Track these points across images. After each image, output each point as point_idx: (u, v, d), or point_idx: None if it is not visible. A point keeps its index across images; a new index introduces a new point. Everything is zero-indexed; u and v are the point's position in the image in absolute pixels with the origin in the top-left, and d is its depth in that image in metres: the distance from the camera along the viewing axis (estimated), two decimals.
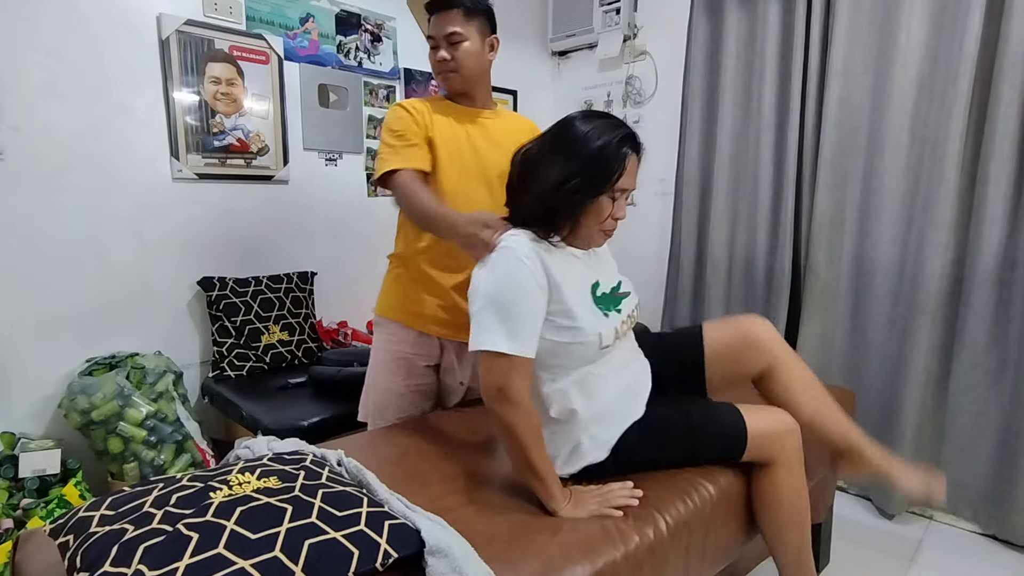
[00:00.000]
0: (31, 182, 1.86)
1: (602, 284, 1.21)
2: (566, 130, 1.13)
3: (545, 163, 1.13)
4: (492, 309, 1.07)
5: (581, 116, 1.14)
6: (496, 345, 1.04)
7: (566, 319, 1.11)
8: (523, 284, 1.07)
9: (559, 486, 1.10)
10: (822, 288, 2.30)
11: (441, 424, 1.50)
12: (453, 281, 1.50)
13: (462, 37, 1.44)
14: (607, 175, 1.09)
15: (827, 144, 2.22)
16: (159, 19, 2.05)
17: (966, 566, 1.85)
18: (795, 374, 1.32)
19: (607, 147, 1.09)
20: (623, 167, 1.10)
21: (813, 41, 2.27)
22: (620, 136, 1.10)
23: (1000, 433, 1.93)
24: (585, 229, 1.15)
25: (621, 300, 1.23)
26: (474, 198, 1.46)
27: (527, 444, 1.06)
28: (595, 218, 1.13)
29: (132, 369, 1.92)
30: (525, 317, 1.07)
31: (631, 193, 1.18)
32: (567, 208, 1.12)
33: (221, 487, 0.92)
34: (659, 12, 2.87)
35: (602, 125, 1.12)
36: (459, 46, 1.45)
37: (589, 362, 1.16)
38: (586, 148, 1.09)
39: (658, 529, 1.07)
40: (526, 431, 1.06)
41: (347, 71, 2.56)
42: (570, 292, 1.11)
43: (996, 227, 1.88)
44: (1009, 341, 1.90)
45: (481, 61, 1.50)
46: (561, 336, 1.11)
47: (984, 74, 1.88)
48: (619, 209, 1.14)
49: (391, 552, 0.85)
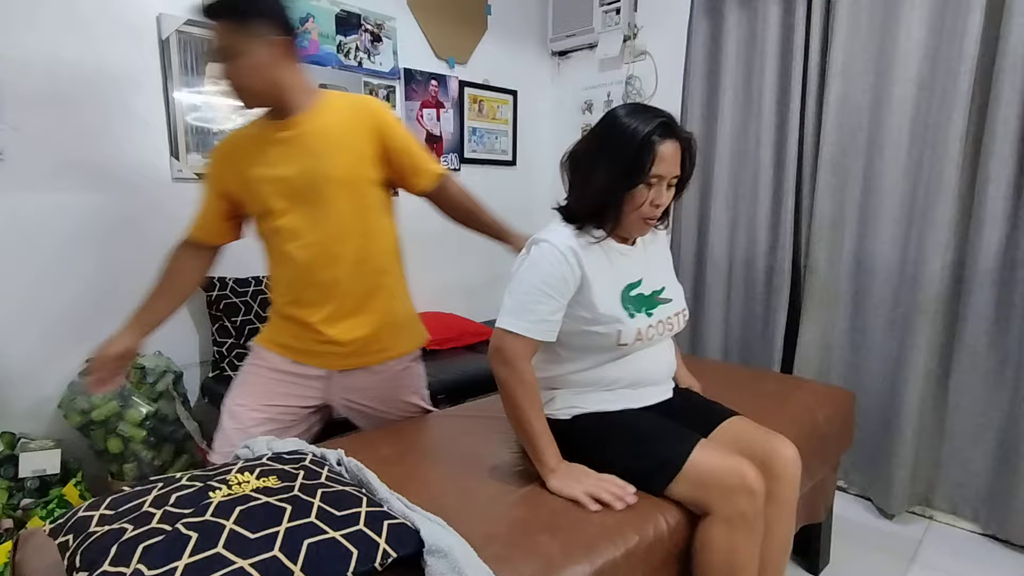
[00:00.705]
0: (31, 182, 1.86)
1: (642, 284, 1.24)
2: (604, 125, 1.17)
3: (586, 161, 1.19)
4: (514, 292, 1.18)
5: (620, 109, 1.18)
6: (504, 324, 1.17)
7: (587, 311, 1.18)
8: (547, 275, 1.15)
9: (553, 452, 1.16)
10: (822, 288, 2.30)
11: (441, 424, 1.50)
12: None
13: (236, 51, 1.24)
14: (639, 165, 1.12)
15: (827, 144, 2.22)
16: (159, 19, 2.05)
17: (966, 566, 1.85)
18: (779, 524, 1.21)
19: (636, 136, 1.11)
20: (654, 154, 1.12)
21: (813, 41, 2.27)
22: (651, 124, 1.12)
23: (1000, 433, 1.93)
24: (626, 218, 1.18)
25: (657, 304, 1.25)
26: (307, 227, 1.36)
27: (519, 401, 1.16)
28: (632, 206, 1.16)
29: (132, 369, 1.92)
30: (540, 303, 1.15)
31: (675, 178, 1.18)
32: (610, 202, 1.16)
33: (220, 487, 0.92)
34: (659, 12, 2.87)
35: (636, 115, 1.14)
36: (234, 61, 1.25)
37: (607, 355, 1.22)
38: (617, 140, 1.13)
39: (658, 529, 1.07)
40: (518, 387, 1.16)
41: (347, 71, 2.56)
42: (599, 288, 1.18)
43: (996, 227, 1.88)
44: (1009, 341, 1.90)
45: (266, 75, 1.27)
46: (580, 324, 1.19)
47: (984, 74, 1.88)
48: (657, 196, 1.16)
49: (390, 552, 0.85)
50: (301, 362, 1.43)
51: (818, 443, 1.55)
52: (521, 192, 3.36)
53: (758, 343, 2.51)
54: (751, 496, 1.07)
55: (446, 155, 2.96)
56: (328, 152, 1.33)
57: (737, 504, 1.07)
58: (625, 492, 1.11)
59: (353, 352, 1.43)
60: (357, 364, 1.45)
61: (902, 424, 2.05)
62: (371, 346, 1.45)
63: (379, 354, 1.47)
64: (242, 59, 1.24)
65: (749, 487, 1.07)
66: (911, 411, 2.04)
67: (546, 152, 3.47)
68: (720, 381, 1.63)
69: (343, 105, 1.38)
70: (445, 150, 2.96)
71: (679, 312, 1.30)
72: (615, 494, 1.10)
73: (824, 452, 1.59)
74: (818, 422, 1.57)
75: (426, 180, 1.47)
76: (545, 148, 3.46)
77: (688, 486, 1.10)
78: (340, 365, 1.44)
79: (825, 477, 1.63)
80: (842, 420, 1.69)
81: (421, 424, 1.51)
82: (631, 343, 1.19)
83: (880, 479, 2.14)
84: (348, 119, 1.36)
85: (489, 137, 3.16)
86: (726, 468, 1.09)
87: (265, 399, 1.42)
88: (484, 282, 3.24)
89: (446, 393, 2.14)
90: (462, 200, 1.54)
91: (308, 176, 1.33)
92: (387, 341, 1.47)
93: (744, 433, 1.25)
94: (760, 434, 1.24)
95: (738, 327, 2.58)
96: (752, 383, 1.75)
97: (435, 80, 2.87)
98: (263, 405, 1.42)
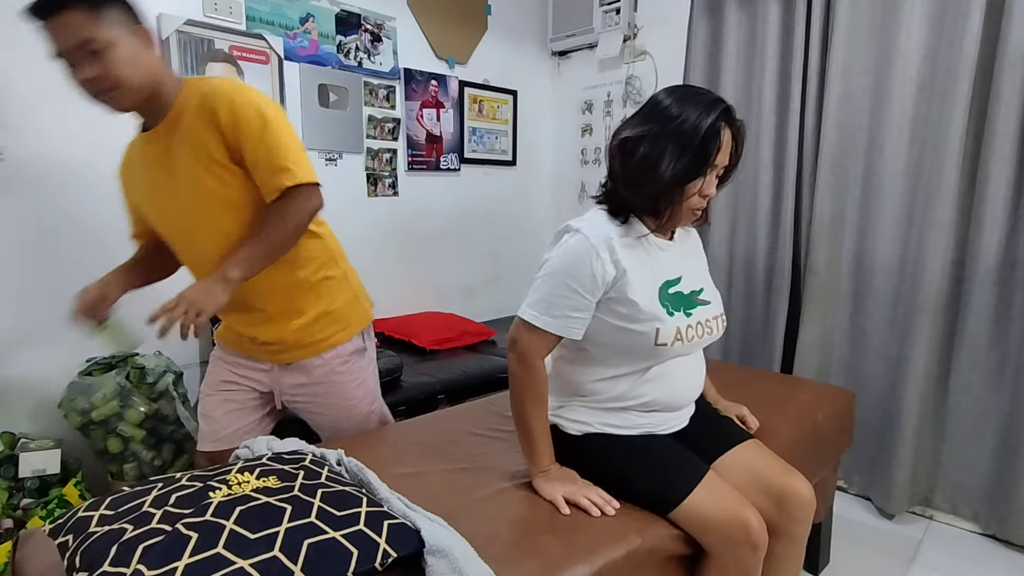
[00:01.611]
0: (31, 183, 1.86)
1: (682, 283, 1.17)
2: (661, 111, 1.08)
3: (647, 149, 1.07)
4: (542, 282, 1.13)
5: (672, 93, 1.10)
6: (524, 314, 1.13)
7: (623, 307, 1.11)
8: (576, 270, 1.09)
9: (547, 454, 1.14)
10: (822, 288, 2.30)
11: (441, 424, 1.50)
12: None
13: (102, 43, 1.08)
14: (706, 154, 1.05)
15: (827, 144, 2.22)
16: (159, 19, 2.05)
17: (966, 566, 1.85)
18: (789, 560, 1.20)
19: (704, 124, 1.04)
20: (720, 143, 1.06)
21: (813, 41, 2.26)
22: (717, 111, 1.05)
23: (1000, 433, 1.93)
24: (678, 209, 1.11)
25: (696, 305, 1.18)
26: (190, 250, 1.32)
27: (523, 397, 1.13)
28: (685, 196, 1.10)
29: (132, 369, 1.91)
30: (565, 298, 1.10)
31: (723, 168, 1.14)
32: (670, 194, 1.08)
33: (220, 487, 0.92)
34: (659, 12, 2.87)
35: (696, 100, 1.07)
36: (103, 55, 1.09)
37: (643, 361, 1.15)
38: (685, 128, 1.04)
39: (661, 531, 1.06)
40: (526, 384, 1.13)
41: (347, 71, 2.56)
42: (637, 283, 1.11)
43: (996, 227, 1.88)
44: (1009, 341, 1.90)
45: (144, 64, 1.14)
46: (616, 320, 1.13)
47: (984, 74, 1.88)
48: (708, 186, 1.11)
49: (390, 552, 0.85)
50: (244, 355, 1.45)
51: (818, 443, 1.55)
52: (521, 192, 3.36)
53: (758, 343, 2.51)
54: (753, 551, 1.05)
55: (446, 155, 2.97)
56: (191, 168, 1.21)
57: (738, 555, 1.05)
58: (605, 502, 1.08)
59: (282, 350, 1.41)
60: (291, 359, 1.43)
61: (902, 424, 2.05)
62: (301, 341, 1.40)
63: (312, 347, 1.41)
64: (115, 50, 1.09)
65: (753, 542, 1.04)
66: (911, 411, 2.04)
67: (546, 152, 3.47)
68: (720, 381, 1.61)
69: (197, 100, 1.20)
70: (445, 150, 2.96)
71: (718, 316, 1.22)
72: (594, 501, 1.07)
73: (824, 452, 1.59)
74: (818, 422, 1.57)
75: (269, 190, 1.21)
76: (545, 148, 3.46)
77: (688, 523, 1.07)
78: (276, 360, 1.44)
79: (825, 477, 1.63)
80: (842, 420, 1.69)
81: (421, 424, 1.51)
82: (670, 343, 1.12)
83: (880, 479, 2.14)
84: (198, 119, 1.19)
85: (489, 137, 3.16)
86: (731, 518, 1.05)
87: (221, 385, 1.46)
88: (484, 282, 3.25)
89: (446, 393, 2.14)
90: (275, 233, 1.22)
91: (176, 206, 1.26)
92: (318, 334, 1.41)
93: (760, 467, 1.20)
94: (777, 470, 1.19)
95: (738, 327, 2.58)
96: (752, 383, 1.75)
97: (435, 80, 2.87)
98: (219, 388, 1.46)
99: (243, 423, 1.47)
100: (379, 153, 2.70)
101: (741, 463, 1.21)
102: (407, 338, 2.54)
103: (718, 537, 1.05)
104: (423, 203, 2.91)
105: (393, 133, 2.74)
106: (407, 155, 2.81)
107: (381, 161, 2.72)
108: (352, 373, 1.48)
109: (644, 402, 1.17)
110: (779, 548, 1.16)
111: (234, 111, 1.18)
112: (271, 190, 1.20)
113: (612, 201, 1.16)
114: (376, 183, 2.72)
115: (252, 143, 1.19)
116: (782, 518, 1.15)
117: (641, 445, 1.17)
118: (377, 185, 2.72)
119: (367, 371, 1.52)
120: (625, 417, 1.19)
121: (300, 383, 1.45)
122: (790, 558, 1.21)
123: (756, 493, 1.16)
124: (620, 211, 1.15)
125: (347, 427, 1.49)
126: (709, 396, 1.44)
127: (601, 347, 1.16)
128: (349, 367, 1.47)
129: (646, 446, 1.17)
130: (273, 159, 1.19)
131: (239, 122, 1.18)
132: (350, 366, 1.47)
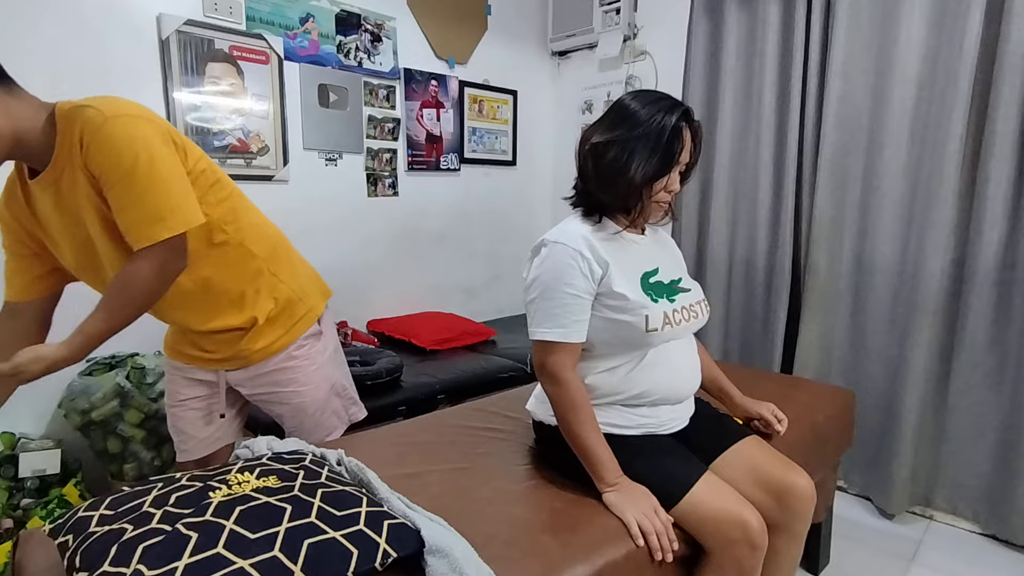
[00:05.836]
0: None
1: (660, 273, 1.23)
2: (627, 115, 1.15)
3: (616, 151, 1.14)
4: (540, 300, 1.16)
5: (636, 97, 1.17)
6: (540, 335, 1.15)
7: (613, 299, 1.15)
8: (569, 276, 1.13)
9: (612, 467, 1.11)
10: (822, 288, 2.30)
11: (441, 424, 1.50)
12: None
13: None
14: (671, 153, 1.14)
15: (827, 144, 2.22)
16: (159, 19, 2.05)
17: (966, 566, 1.85)
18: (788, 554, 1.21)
19: (668, 125, 1.12)
20: (682, 142, 1.15)
21: (813, 41, 2.26)
22: (677, 112, 1.14)
23: (1000, 433, 1.93)
24: (647, 205, 1.18)
25: (677, 292, 1.24)
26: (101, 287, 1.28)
27: (568, 415, 1.13)
28: (653, 193, 1.17)
29: (132, 369, 1.92)
30: (567, 304, 1.14)
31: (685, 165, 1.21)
32: (639, 192, 1.15)
33: (220, 487, 0.92)
34: (659, 12, 2.87)
35: (657, 102, 1.15)
36: None
37: (637, 350, 1.18)
38: (649, 129, 1.12)
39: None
40: (567, 401, 1.13)
41: (347, 71, 2.56)
42: (620, 276, 1.16)
43: (996, 227, 1.88)
44: (1009, 341, 1.90)
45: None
46: (608, 313, 1.16)
47: (984, 74, 1.88)
48: (672, 182, 1.18)
49: (390, 552, 0.85)
50: (189, 365, 1.42)
51: (818, 443, 1.55)
52: (521, 192, 3.36)
53: (758, 343, 2.51)
54: (752, 551, 1.05)
55: (446, 155, 2.97)
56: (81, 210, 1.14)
57: (736, 554, 1.05)
58: (669, 544, 1.03)
59: (225, 359, 1.39)
60: (238, 367, 1.40)
61: (902, 424, 2.05)
62: (242, 353, 1.37)
63: (259, 353, 1.37)
64: None
65: (752, 541, 1.04)
66: (911, 411, 2.04)
67: (546, 152, 3.47)
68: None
69: (75, 136, 1.08)
70: (445, 150, 2.96)
71: (700, 301, 1.27)
72: (662, 545, 1.03)
73: (824, 452, 1.59)
74: (818, 422, 1.57)
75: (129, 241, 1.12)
76: (545, 148, 3.46)
77: (687, 521, 1.07)
78: (222, 367, 1.41)
79: (825, 477, 1.63)
80: (842, 420, 1.69)
81: (421, 424, 1.51)
82: (660, 328, 1.15)
83: (880, 479, 2.14)
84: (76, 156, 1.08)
85: (489, 137, 3.16)
86: (730, 516, 1.05)
87: (180, 397, 1.45)
88: (484, 282, 3.25)
89: (446, 393, 2.14)
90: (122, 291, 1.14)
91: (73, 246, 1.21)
92: (259, 342, 1.37)
93: (760, 462, 1.21)
94: (777, 465, 1.21)
95: (738, 327, 2.58)
96: (752, 383, 1.74)
97: (435, 80, 2.87)
98: (179, 401, 1.45)
99: (213, 426, 1.47)
100: (379, 153, 2.71)
101: (742, 459, 1.22)
102: (407, 338, 2.54)
103: (716, 536, 1.06)
104: (423, 203, 2.91)
105: (393, 133, 2.74)
106: (407, 155, 2.81)
107: (381, 161, 2.72)
108: (309, 357, 1.43)
109: (643, 391, 1.19)
110: (779, 543, 1.18)
111: (99, 148, 1.07)
112: (130, 242, 1.12)
113: (585, 202, 1.23)
114: (376, 183, 2.72)
115: (110, 190, 1.09)
116: (783, 513, 1.16)
117: (641, 444, 1.18)
118: (377, 185, 2.72)
119: (324, 354, 1.47)
120: (626, 415, 1.19)
121: (252, 376, 1.41)
122: (790, 554, 1.22)
123: (757, 488, 1.17)
124: (593, 210, 1.21)
125: (310, 412, 1.45)
126: (736, 399, 1.44)
127: (596, 342, 1.19)
128: (305, 351, 1.43)
129: (646, 445, 1.18)
130: (130, 210, 1.09)
131: (101, 164, 1.08)
132: (305, 351, 1.43)
